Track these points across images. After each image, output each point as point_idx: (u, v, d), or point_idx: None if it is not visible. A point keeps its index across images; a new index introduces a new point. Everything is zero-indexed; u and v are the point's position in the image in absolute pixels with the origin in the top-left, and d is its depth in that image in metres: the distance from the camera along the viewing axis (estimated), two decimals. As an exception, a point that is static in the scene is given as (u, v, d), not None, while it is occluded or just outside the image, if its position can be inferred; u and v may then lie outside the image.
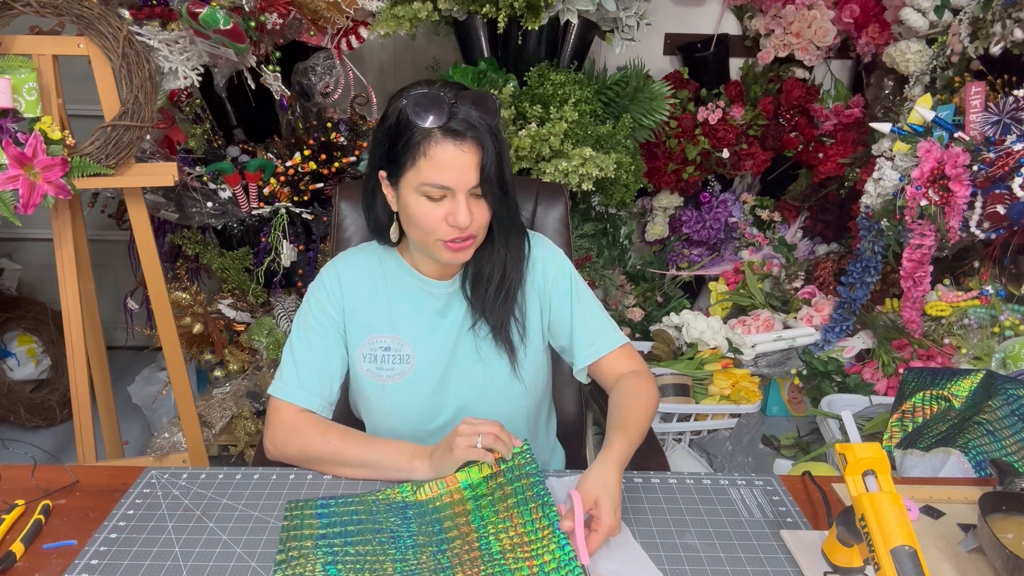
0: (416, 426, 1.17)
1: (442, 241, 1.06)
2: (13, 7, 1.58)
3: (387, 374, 1.15)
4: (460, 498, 0.97)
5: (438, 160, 1.01)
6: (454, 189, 1.02)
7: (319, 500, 0.99)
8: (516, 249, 1.16)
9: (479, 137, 1.01)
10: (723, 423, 2.37)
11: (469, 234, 1.06)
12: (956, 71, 2.16)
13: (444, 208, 1.03)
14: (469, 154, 1.01)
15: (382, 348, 1.16)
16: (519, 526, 0.90)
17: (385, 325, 1.16)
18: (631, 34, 2.23)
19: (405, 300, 1.17)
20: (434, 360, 1.16)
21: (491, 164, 1.02)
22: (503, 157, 1.05)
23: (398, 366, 1.15)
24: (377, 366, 1.15)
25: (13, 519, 0.95)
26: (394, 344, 1.16)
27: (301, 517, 0.95)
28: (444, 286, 1.17)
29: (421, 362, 1.15)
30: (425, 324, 1.17)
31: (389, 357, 1.15)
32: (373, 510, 0.96)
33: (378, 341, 1.16)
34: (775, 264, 2.83)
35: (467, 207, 1.02)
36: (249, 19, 1.79)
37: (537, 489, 0.94)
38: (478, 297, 1.15)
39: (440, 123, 1.00)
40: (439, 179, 1.01)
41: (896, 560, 0.75)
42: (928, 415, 1.65)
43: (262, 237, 2.20)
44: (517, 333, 1.17)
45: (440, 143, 1.01)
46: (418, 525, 0.93)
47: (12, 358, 2.63)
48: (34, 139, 1.56)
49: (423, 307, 1.17)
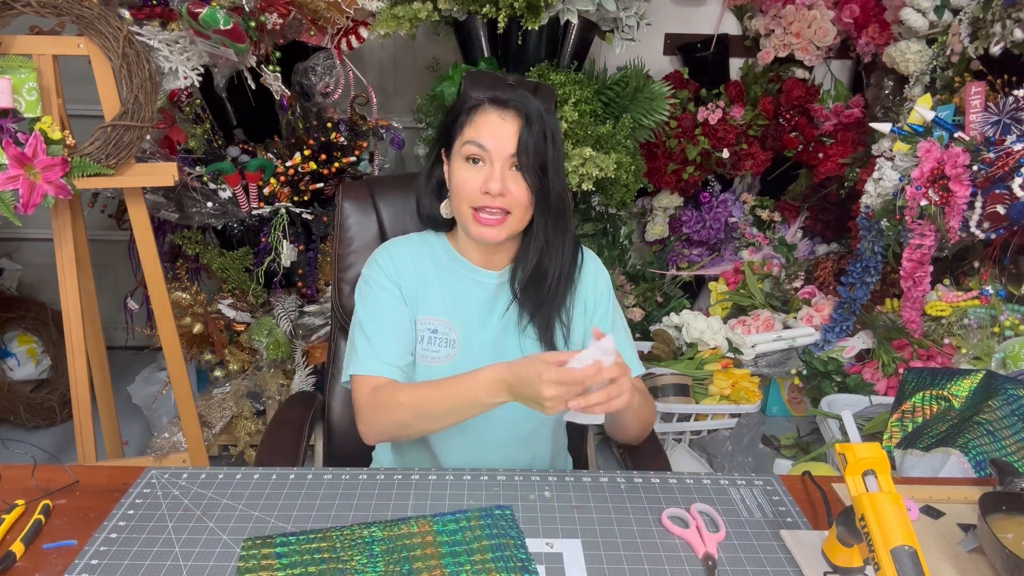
0: None
1: (473, 209, 1.08)
2: (13, 7, 1.58)
3: (432, 356, 1.15)
4: (432, 540, 0.93)
5: (481, 124, 1.07)
6: (491, 153, 1.06)
7: (279, 537, 0.93)
8: (563, 246, 1.15)
9: (523, 111, 1.06)
10: (723, 423, 2.38)
11: (500, 206, 1.07)
12: (956, 71, 2.16)
13: (482, 175, 1.07)
14: (511, 124, 1.06)
15: (430, 330, 1.16)
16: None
17: (435, 307, 1.17)
18: (631, 34, 2.23)
19: (454, 286, 1.18)
20: (478, 349, 1.16)
21: (531, 140, 1.06)
22: (549, 144, 1.08)
23: (444, 349, 1.15)
24: (424, 347, 1.16)
25: (13, 519, 0.95)
26: (442, 327, 1.16)
27: (258, 557, 0.89)
28: (492, 276, 1.18)
29: (465, 349, 1.16)
30: (473, 312, 1.17)
31: (436, 339, 1.16)
32: (337, 547, 0.91)
33: (427, 322, 1.16)
34: (775, 264, 2.83)
35: (501, 175, 1.06)
36: (249, 19, 1.79)
37: (517, 552, 0.90)
38: (526, 294, 1.16)
39: (490, 94, 1.08)
40: (478, 137, 1.06)
41: (896, 560, 0.75)
42: (928, 415, 1.65)
43: (262, 237, 2.19)
44: (562, 336, 1.17)
45: (486, 110, 1.08)
46: (385, 564, 0.88)
47: (12, 358, 2.63)
48: (34, 139, 1.56)
49: (471, 295, 1.18)
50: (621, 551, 0.93)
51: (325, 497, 1.02)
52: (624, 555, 0.92)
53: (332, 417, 1.39)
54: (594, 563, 0.90)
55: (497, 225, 1.08)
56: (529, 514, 0.99)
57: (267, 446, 1.26)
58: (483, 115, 1.08)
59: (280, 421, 1.34)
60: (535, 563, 0.90)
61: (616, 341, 1.17)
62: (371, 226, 1.39)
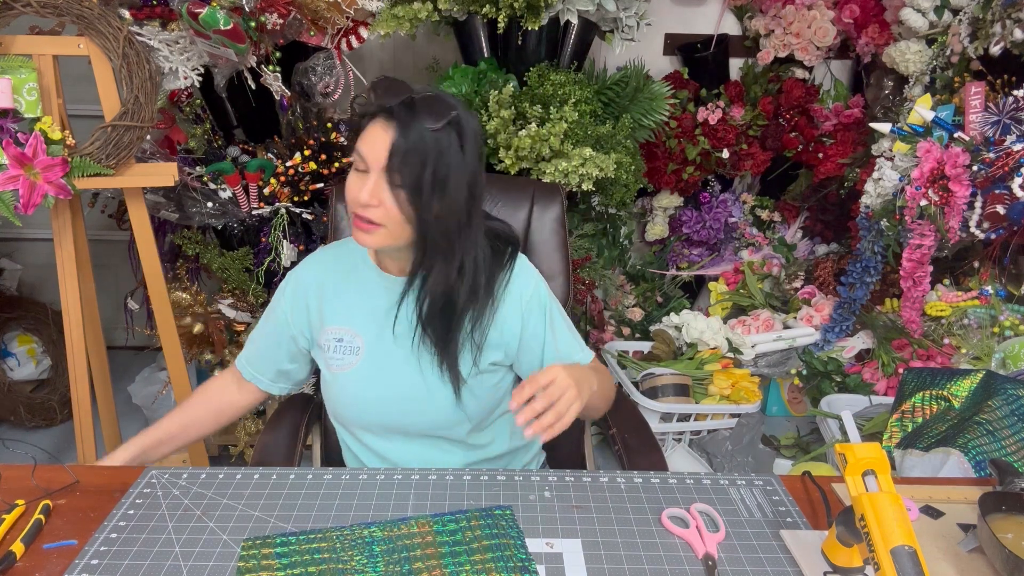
0: (361, 417, 1.19)
1: (354, 215, 1.06)
2: (13, 7, 1.58)
3: (338, 364, 1.18)
4: (433, 540, 0.93)
5: (367, 132, 1.04)
6: (368, 162, 1.03)
7: (279, 537, 0.93)
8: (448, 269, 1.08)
9: (405, 124, 1.00)
10: (723, 423, 2.38)
11: (369, 217, 1.03)
12: (956, 71, 2.16)
13: (361, 182, 1.04)
14: (391, 136, 1.01)
15: (335, 339, 1.18)
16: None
17: (341, 316, 1.19)
18: (631, 34, 2.23)
19: (360, 293, 1.19)
20: (382, 354, 1.16)
21: (398, 158, 1.00)
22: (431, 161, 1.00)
23: (348, 357, 1.17)
24: (331, 356, 1.18)
25: (13, 519, 0.95)
26: (347, 336, 1.18)
27: (259, 557, 0.89)
28: (400, 282, 1.15)
29: (369, 355, 1.17)
30: (376, 316, 1.17)
31: (341, 348, 1.18)
32: (337, 547, 0.91)
33: (333, 332, 1.19)
34: (775, 264, 2.83)
35: (375, 186, 1.01)
36: (249, 19, 1.79)
37: (517, 552, 0.91)
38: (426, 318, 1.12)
39: (382, 102, 1.03)
40: (360, 146, 1.04)
41: (896, 560, 0.75)
42: (928, 415, 1.65)
43: (262, 237, 2.20)
44: (470, 356, 1.14)
45: (375, 120, 1.03)
46: (385, 564, 0.88)
47: (12, 358, 2.63)
48: (34, 139, 1.56)
49: (377, 300, 1.18)
50: (621, 551, 0.93)
51: (325, 497, 1.02)
52: (624, 555, 0.92)
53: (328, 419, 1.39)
54: (594, 563, 0.90)
55: (371, 232, 1.04)
56: (529, 514, 0.99)
57: (263, 448, 1.27)
58: (372, 123, 1.03)
59: (276, 423, 1.34)
60: (535, 563, 0.90)
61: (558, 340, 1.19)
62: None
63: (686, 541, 0.95)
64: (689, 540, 0.95)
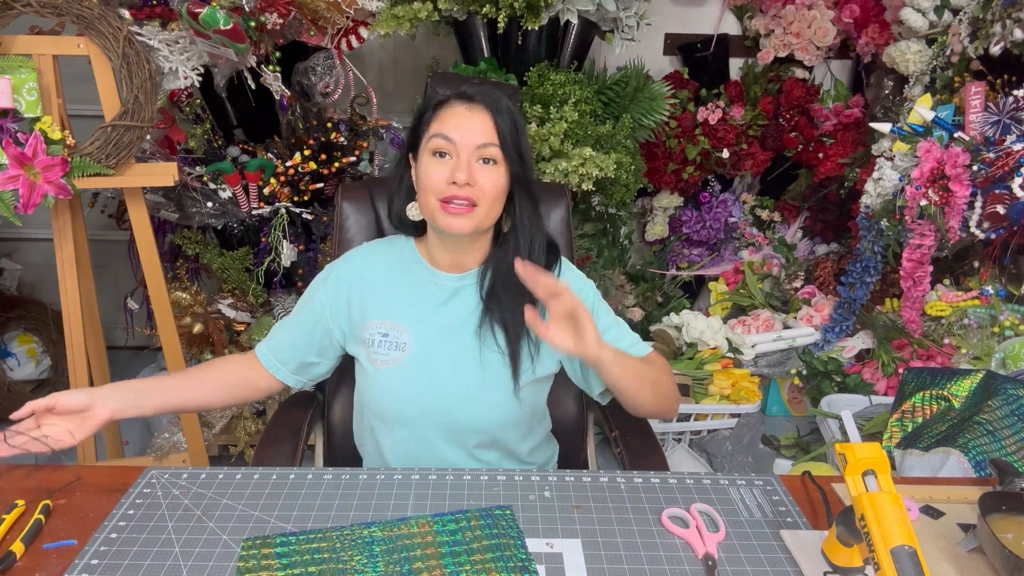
0: (401, 413, 1.17)
1: (440, 200, 1.07)
2: (13, 7, 1.58)
3: (382, 359, 1.16)
4: (432, 540, 0.93)
5: (446, 117, 1.08)
6: (457, 145, 1.06)
7: (279, 537, 0.93)
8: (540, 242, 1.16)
9: (490, 104, 1.08)
10: (723, 423, 2.38)
11: (466, 196, 1.06)
12: (956, 71, 2.16)
13: (448, 167, 1.07)
14: (477, 114, 1.07)
15: (380, 333, 1.17)
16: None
17: (387, 311, 1.18)
18: (631, 34, 2.23)
19: (409, 289, 1.19)
20: (430, 351, 1.16)
21: (505, 128, 1.07)
22: (521, 133, 1.10)
23: (393, 352, 1.16)
24: (374, 350, 1.17)
25: (13, 519, 0.95)
26: (393, 331, 1.17)
27: (258, 557, 0.89)
28: (451, 279, 1.18)
29: (416, 351, 1.16)
30: (425, 313, 1.17)
31: (386, 343, 1.17)
32: (337, 547, 0.91)
33: (378, 326, 1.18)
34: (775, 264, 2.83)
35: (468, 165, 1.06)
36: (249, 19, 1.79)
37: (517, 552, 0.91)
38: (495, 298, 1.15)
39: (456, 90, 1.09)
40: (444, 130, 1.07)
41: (896, 560, 0.75)
42: (928, 415, 1.65)
43: (262, 237, 2.20)
44: (528, 350, 1.15)
45: (452, 104, 1.09)
46: (385, 564, 0.88)
47: (12, 358, 2.63)
48: (34, 139, 1.56)
49: (425, 296, 1.18)
50: (621, 551, 0.93)
51: (325, 497, 1.02)
52: (624, 555, 0.92)
53: (332, 418, 1.39)
54: (594, 563, 0.90)
55: (465, 214, 1.07)
56: (529, 514, 0.99)
57: (265, 447, 1.26)
58: (449, 109, 1.08)
59: (278, 422, 1.34)
60: (535, 563, 0.90)
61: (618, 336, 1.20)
62: (369, 226, 1.40)
63: (686, 541, 0.95)
64: (689, 540, 0.95)
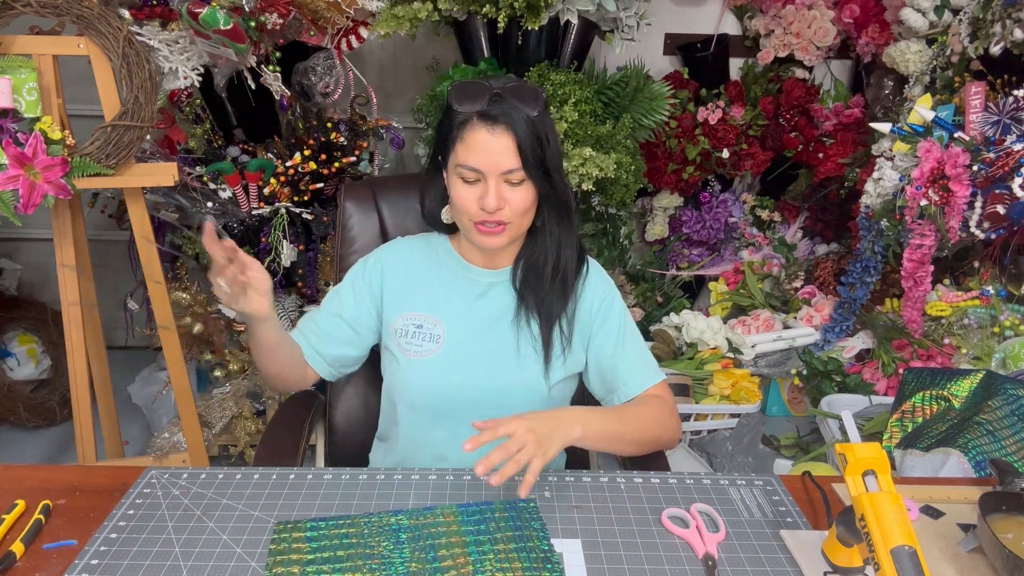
0: (433, 404, 1.18)
1: (474, 223, 1.09)
2: (13, 7, 1.58)
3: (415, 350, 1.17)
4: (457, 530, 0.95)
5: (471, 144, 1.06)
6: (485, 173, 1.06)
7: (309, 522, 0.96)
8: (569, 241, 1.17)
9: (512, 124, 1.05)
10: (723, 423, 2.37)
11: (498, 219, 1.08)
12: (956, 71, 2.16)
13: (477, 191, 1.07)
14: (501, 139, 1.05)
15: (415, 325, 1.18)
16: (518, 570, 0.88)
17: (421, 303, 1.19)
18: (631, 34, 2.23)
19: (444, 283, 1.20)
20: (464, 344, 1.17)
21: (530, 150, 1.05)
22: (546, 144, 1.07)
23: (427, 344, 1.17)
24: (407, 341, 1.18)
25: (13, 519, 0.95)
26: (427, 323, 1.18)
27: (290, 540, 0.92)
28: (486, 274, 1.20)
29: (450, 344, 1.17)
30: (460, 307, 1.19)
31: (420, 334, 1.18)
32: (365, 533, 0.94)
33: (412, 318, 1.19)
34: (775, 264, 2.83)
35: (497, 191, 1.06)
36: (249, 19, 1.79)
37: (540, 544, 0.92)
38: (528, 286, 1.17)
39: (475, 109, 1.05)
40: (470, 161, 1.06)
41: (896, 560, 0.75)
42: (928, 415, 1.65)
43: (262, 237, 2.19)
44: (560, 343, 1.17)
45: (475, 128, 1.06)
46: (411, 551, 0.91)
47: (12, 358, 2.63)
48: (34, 139, 1.56)
49: (461, 291, 1.20)
50: (621, 551, 0.93)
51: (325, 497, 1.02)
52: (624, 555, 0.92)
53: (334, 417, 1.39)
54: (594, 563, 0.90)
55: (499, 233, 1.10)
56: (529, 514, 0.99)
57: (266, 446, 1.26)
58: (472, 132, 1.06)
59: (279, 421, 1.34)
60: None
61: (631, 352, 1.20)
62: (372, 226, 1.40)
63: (686, 541, 0.95)
64: (689, 540, 0.95)
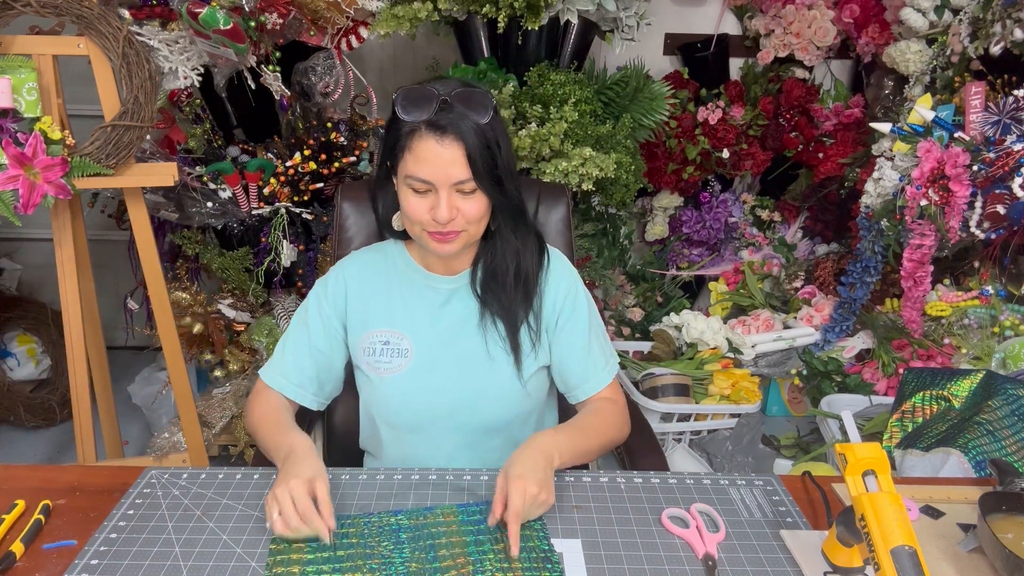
0: (411, 419, 1.17)
1: (427, 232, 1.07)
2: (13, 7, 1.58)
3: (385, 367, 1.16)
4: (457, 529, 0.95)
5: (420, 155, 1.03)
6: (435, 184, 1.03)
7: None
8: (528, 244, 1.16)
9: (462, 134, 1.01)
10: (723, 423, 2.37)
11: (451, 229, 1.06)
12: (956, 71, 2.16)
13: (428, 201, 1.05)
14: (450, 150, 1.01)
15: (381, 342, 1.17)
16: (518, 570, 0.88)
17: (384, 319, 1.18)
18: (631, 34, 2.23)
19: (405, 295, 1.18)
20: (433, 354, 1.16)
21: (479, 159, 1.02)
22: (496, 152, 1.04)
23: (396, 359, 1.16)
24: (376, 359, 1.17)
25: (13, 519, 0.95)
26: (393, 338, 1.17)
27: (289, 540, 0.92)
28: (447, 281, 1.18)
29: (419, 356, 1.16)
30: (424, 317, 1.17)
31: (388, 351, 1.16)
32: (365, 533, 0.94)
33: (378, 335, 1.17)
34: (775, 264, 2.83)
35: (448, 202, 1.03)
36: (249, 19, 1.79)
37: (540, 543, 0.92)
38: (490, 292, 1.15)
39: (421, 118, 1.02)
40: (419, 173, 1.03)
41: (896, 560, 0.75)
42: (928, 415, 1.65)
43: (262, 237, 2.19)
44: (529, 338, 1.16)
45: (423, 138, 1.02)
46: (411, 551, 0.91)
47: (12, 358, 2.63)
48: (34, 139, 1.56)
49: (423, 301, 1.18)
50: (621, 551, 0.93)
51: (325, 497, 1.02)
52: (624, 555, 0.92)
53: (332, 418, 1.39)
54: (594, 563, 0.90)
55: (452, 240, 1.07)
56: (529, 514, 0.99)
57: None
58: (421, 142, 1.02)
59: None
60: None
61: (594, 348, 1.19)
62: (370, 226, 1.40)
63: (686, 541, 0.95)
64: (689, 540, 0.95)
